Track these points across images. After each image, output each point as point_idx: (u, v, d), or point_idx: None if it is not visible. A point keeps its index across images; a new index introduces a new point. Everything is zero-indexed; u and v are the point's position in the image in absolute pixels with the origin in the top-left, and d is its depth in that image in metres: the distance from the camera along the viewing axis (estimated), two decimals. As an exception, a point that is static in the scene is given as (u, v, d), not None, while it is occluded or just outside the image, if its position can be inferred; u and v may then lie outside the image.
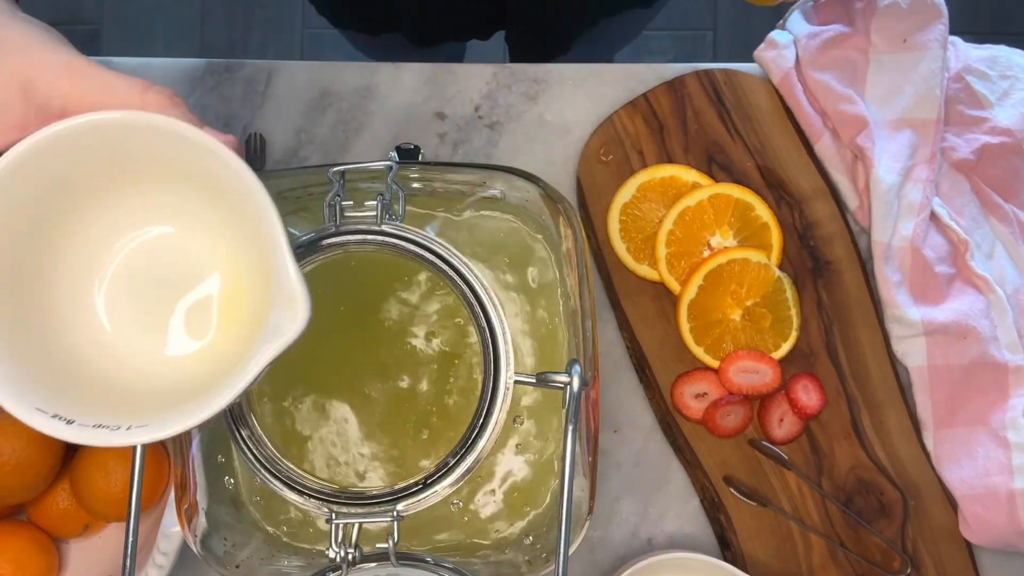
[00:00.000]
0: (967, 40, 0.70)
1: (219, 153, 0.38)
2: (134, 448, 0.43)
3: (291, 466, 0.43)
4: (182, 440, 0.51)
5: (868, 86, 0.68)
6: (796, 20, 0.70)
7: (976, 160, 0.68)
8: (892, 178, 0.66)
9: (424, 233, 0.44)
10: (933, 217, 0.67)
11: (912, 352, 0.66)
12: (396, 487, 0.43)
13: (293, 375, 0.53)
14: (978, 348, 0.65)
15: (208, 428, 0.52)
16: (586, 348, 0.51)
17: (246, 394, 0.44)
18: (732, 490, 0.66)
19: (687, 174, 0.67)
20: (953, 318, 0.65)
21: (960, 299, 0.66)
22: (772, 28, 0.71)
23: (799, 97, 0.68)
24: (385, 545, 0.43)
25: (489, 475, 0.53)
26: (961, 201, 0.68)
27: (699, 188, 0.66)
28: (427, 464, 0.48)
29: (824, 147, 0.68)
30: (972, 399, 0.66)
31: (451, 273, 0.43)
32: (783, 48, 0.68)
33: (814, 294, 0.67)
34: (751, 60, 0.70)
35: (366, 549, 0.43)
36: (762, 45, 0.69)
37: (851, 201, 0.68)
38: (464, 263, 0.43)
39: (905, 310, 0.66)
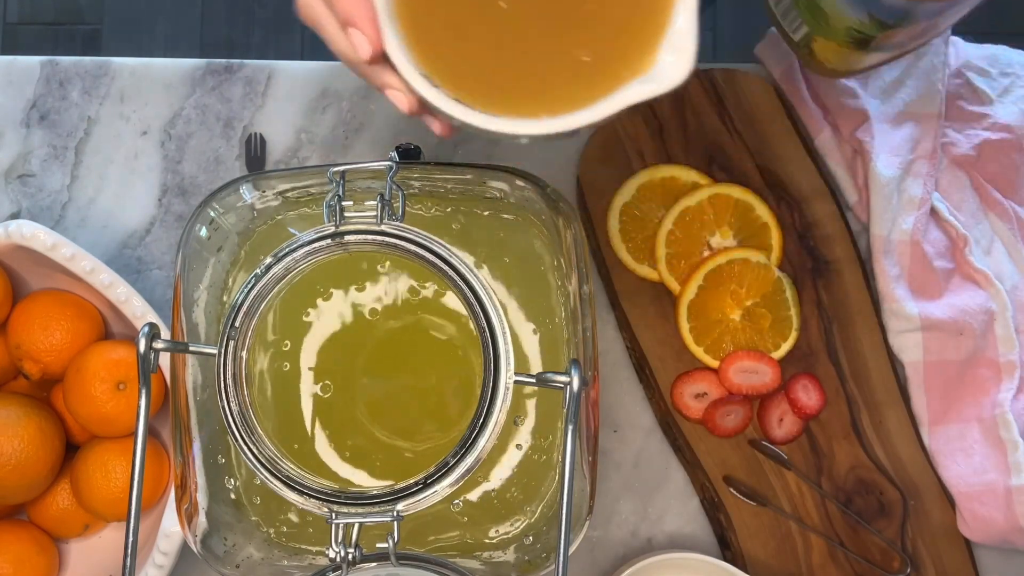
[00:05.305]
0: (967, 40, 0.70)
1: None
2: (134, 448, 0.43)
3: (291, 466, 0.43)
4: (183, 440, 0.51)
5: (870, 79, 0.68)
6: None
7: (976, 156, 0.68)
8: (891, 172, 0.66)
9: (424, 233, 0.44)
10: (932, 212, 0.67)
11: (908, 347, 0.66)
12: (396, 487, 0.43)
13: (295, 370, 0.53)
14: (974, 344, 0.65)
15: (208, 429, 0.52)
16: (586, 348, 0.51)
17: (246, 394, 0.44)
18: (732, 490, 0.66)
19: (687, 174, 0.67)
20: (950, 315, 0.65)
21: (958, 295, 0.66)
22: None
23: (801, 91, 0.68)
24: (385, 545, 0.43)
25: (489, 475, 0.53)
26: (960, 197, 0.68)
27: (699, 188, 0.66)
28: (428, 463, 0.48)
29: (824, 142, 0.68)
30: (966, 395, 0.66)
31: (451, 273, 0.43)
32: (784, 43, 0.68)
33: (814, 294, 0.67)
34: (751, 60, 0.70)
35: (366, 549, 0.43)
36: (764, 40, 0.69)
37: (850, 196, 0.69)
38: (464, 263, 0.43)
39: (903, 304, 0.66)
